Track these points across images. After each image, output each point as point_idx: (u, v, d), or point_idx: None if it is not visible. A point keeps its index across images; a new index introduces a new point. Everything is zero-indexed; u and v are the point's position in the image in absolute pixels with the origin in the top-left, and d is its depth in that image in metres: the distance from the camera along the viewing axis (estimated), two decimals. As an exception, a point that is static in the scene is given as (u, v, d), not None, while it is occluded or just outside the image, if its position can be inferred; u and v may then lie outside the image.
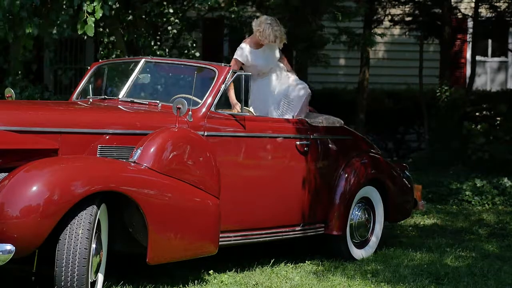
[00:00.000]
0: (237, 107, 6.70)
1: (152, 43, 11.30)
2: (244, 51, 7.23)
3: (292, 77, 7.40)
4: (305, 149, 7.04)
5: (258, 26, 7.22)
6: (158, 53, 11.14)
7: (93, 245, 5.21)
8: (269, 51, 7.31)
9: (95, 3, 8.81)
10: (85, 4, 8.75)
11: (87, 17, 8.77)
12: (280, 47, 7.40)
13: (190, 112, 6.16)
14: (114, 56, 10.43)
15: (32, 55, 10.25)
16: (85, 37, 9.13)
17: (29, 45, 9.19)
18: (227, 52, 15.59)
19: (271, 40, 7.18)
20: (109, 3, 8.89)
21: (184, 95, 6.46)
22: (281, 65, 7.44)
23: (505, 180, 11.26)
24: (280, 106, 7.24)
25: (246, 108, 6.65)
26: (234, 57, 7.25)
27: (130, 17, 11.10)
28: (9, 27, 9.22)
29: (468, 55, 16.13)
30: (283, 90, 7.30)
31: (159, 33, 12.23)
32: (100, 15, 8.86)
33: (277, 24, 7.25)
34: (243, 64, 7.21)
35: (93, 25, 8.81)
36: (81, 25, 8.81)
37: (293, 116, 7.17)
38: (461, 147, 13.73)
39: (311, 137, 7.13)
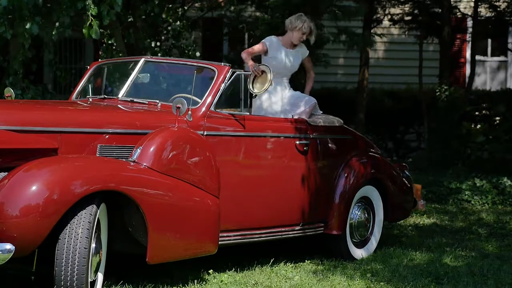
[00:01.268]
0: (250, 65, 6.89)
1: (153, 44, 11.30)
2: (272, 41, 7.39)
3: (295, 93, 7.46)
4: (305, 148, 7.04)
5: (296, 21, 7.40)
6: (159, 54, 11.14)
7: (93, 245, 5.21)
8: (295, 55, 7.43)
9: (102, 8, 8.80)
10: (90, 8, 8.74)
11: (92, 20, 8.76)
12: (312, 41, 7.55)
13: (189, 112, 6.16)
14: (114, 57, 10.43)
15: (32, 54, 10.23)
16: (85, 38, 9.12)
17: (27, 42, 9.16)
18: (227, 52, 15.59)
19: (308, 32, 7.33)
20: (116, 8, 8.88)
21: (183, 95, 6.47)
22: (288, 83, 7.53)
23: (505, 179, 11.27)
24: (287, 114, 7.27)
25: (263, 66, 6.79)
26: (262, 40, 7.41)
27: (130, 19, 11.10)
28: (9, 24, 9.22)
29: (468, 54, 16.13)
30: (289, 101, 7.33)
31: (160, 33, 12.23)
32: (108, 21, 8.87)
33: (311, 21, 7.46)
34: (265, 53, 7.33)
35: (98, 28, 8.82)
36: (86, 29, 8.81)
37: (292, 116, 7.17)
38: (460, 147, 13.73)
39: (311, 136, 7.13)
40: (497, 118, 14.96)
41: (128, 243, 5.73)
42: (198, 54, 12.29)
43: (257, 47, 7.34)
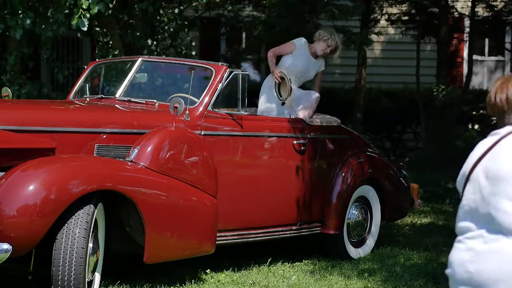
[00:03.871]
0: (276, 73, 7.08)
1: (149, 43, 11.28)
2: (302, 43, 7.45)
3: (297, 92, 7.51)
4: (302, 148, 7.04)
5: (325, 33, 7.49)
6: (155, 53, 11.13)
7: (90, 245, 5.21)
8: (314, 65, 7.49)
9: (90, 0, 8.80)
10: (82, 2, 8.73)
11: (82, 13, 8.75)
12: (335, 58, 7.74)
13: (187, 111, 6.16)
14: (111, 56, 10.41)
15: (29, 52, 10.22)
16: (79, 34, 9.09)
17: (18, 33, 9.11)
18: (224, 51, 15.59)
19: (333, 47, 7.41)
20: (106, 0, 8.87)
21: (181, 94, 6.47)
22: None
23: (502, 179, 11.25)
24: (292, 111, 7.29)
25: (281, 72, 7.09)
26: (293, 40, 7.47)
27: (127, 18, 11.08)
28: (2, 20, 9.21)
29: (465, 54, 16.13)
30: (295, 97, 7.37)
31: (157, 33, 12.21)
32: (96, 11, 8.84)
33: (339, 40, 7.58)
34: (290, 53, 7.39)
35: (87, 20, 8.80)
36: (75, 21, 8.79)
37: (290, 116, 7.18)
38: (458, 146, 13.73)
39: (308, 136, 7.13)
40: (494, 117, 14.92)
41: (126, 243, 5.72)
42: (194, 53, 12.27)
43: (286, 47, 7.42)
